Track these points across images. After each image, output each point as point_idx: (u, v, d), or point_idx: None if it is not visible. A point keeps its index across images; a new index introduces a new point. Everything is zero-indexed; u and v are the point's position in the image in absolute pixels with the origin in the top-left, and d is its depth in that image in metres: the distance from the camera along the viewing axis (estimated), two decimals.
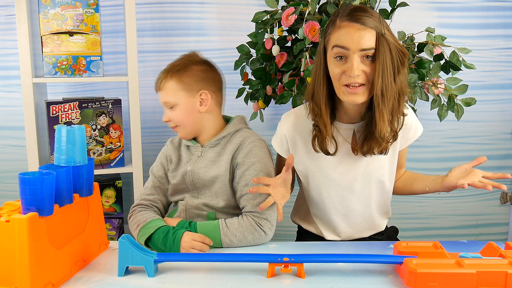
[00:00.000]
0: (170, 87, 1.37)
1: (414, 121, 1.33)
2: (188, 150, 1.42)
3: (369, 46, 1.13)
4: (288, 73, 1.68)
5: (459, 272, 0.97)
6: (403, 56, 1.17)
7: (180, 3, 2.15)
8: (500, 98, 2.32)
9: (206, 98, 1.37)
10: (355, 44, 1.13)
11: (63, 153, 1.11)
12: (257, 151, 1.34)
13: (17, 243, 0.94)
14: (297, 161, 1.35)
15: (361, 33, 1.13)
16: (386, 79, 1.14)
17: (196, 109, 1.37)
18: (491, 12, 2.24)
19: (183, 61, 1.40)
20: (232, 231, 1.25)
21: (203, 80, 1.38)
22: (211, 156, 1.37)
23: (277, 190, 1.22)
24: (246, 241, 1.26)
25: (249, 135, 1.38)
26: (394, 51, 1.15)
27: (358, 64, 1.14)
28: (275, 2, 1.70)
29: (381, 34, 1.13)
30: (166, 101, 1.39)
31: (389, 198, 1.40)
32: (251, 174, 1.30)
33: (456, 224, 2.29)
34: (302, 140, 1.32)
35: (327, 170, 1.31)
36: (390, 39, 1.15)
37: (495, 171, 1.23)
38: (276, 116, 2.22)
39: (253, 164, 1.32)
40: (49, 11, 1.74)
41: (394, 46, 1.15)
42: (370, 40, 1.13)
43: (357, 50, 1.14)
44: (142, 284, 1.04)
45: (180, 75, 1.37)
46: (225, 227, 1.26)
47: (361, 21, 1.13)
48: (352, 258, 1.10)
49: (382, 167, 1.32)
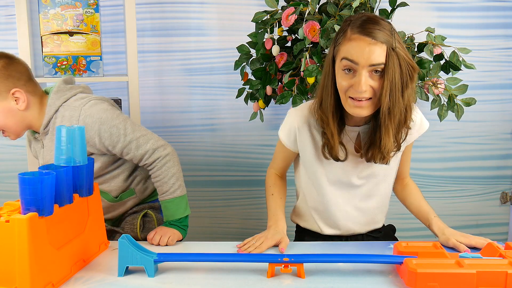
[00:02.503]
0: None
1: (419, 116, 1.33)
2: (36, 140, 1.43)
3: (379, 61, 1.11)
4: (288, 73, 1.68)
5: (459, 272, 0.97)
6: (412, 71, 1.15)
7: (180, 3, 2.15)
8: (500, 98, 2.32)
9: (21, 95, 1.31)
10: (364, 59, 1.12)
11: (63, 153, 1.11)
12: (92, 120, 1.32)
13: (17, 243, 0.94)
14: (303, 154, 1.35)
15: (372, 48, 1.11)
16: (394, 95, 1.13)
17: (14, 109, 1.32)
18: (491, 12, 2.24)
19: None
20: (172, 183, 1.37)
21: (8, 78, 1.30)
22: (50, 144, 1.37)
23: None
24: (179, 173, 1.40)
25: (71, 111, 1.34)
26: (404, 66, 1.13)
27: (366, 79, 1.13)
28: (275, 2, 1.70)
29: (392, 48, 1.12)
30: None
31: (389, 194, 1.41)
32: (122, 142, 1.34)
33: (456, 224, 2.29)
34: (310, 135, 1.32)
35: (331, 165, 1.32)
36: (401, 53, 1.13)
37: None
38: (276, 116, 2.23)
39: (111, 133, 1.33)
40: (49, 11, 1.74)
41: (404, 60, 1.13)
42: (380, 56, 1.11)
43: (366, 65, 1.12)
44: (142, 284, 1.04)
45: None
46: (171, 191, 1.37)
47: (373, 35, 1.11)
48: (352, 258, 1.10)
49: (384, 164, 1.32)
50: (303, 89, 1.63)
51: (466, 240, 1.22)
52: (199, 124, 2.25)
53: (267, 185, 1.43)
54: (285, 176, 1.48)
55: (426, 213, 1.35)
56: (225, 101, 2.23)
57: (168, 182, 1.38)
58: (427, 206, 1.37)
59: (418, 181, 2.35)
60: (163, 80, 2.21)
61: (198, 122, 2.25)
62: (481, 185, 2.38)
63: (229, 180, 2.31)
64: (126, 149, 1.36)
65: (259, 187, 2.31)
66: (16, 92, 1.31)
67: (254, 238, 1.26)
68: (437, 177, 2.37)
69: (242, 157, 2.29)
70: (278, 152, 1.43)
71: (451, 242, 1.22)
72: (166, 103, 2.23)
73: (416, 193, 1.41)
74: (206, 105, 2.24)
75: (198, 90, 2.23)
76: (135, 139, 1.35)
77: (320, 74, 1.54)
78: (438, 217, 1.33)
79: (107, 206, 1.46)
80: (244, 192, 2.33)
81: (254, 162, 2.30)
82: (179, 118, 2.24)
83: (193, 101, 2.23)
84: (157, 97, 2.22)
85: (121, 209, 1.50)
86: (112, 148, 1.36)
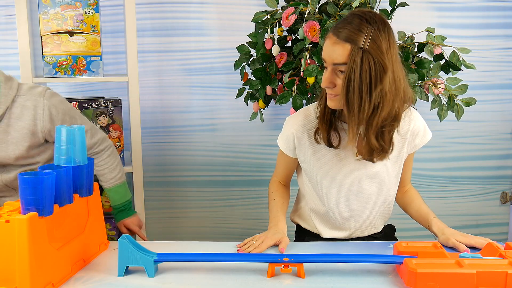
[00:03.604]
0: None
1: (422, 126, 1.33)
2: None
3: (340, 61, 1.13)
4: (288, 73, 1.68)
5: (459, 272, 0.97)
6: (382, 71, 1.12)
7: (180, 3, 2.15)
8: (500, 98, 2.32)
9: None
10: (327, 57, 1.16)
11: (63, 153, 1.11)
12: (55, 108, 1.35)
13: (17, 243, 0.94)
14: (303, 160, 1.35)
15: (335, 47, 1.13)
16: (352, 94, 1.12)
17: None
18: (491, 12, 2.24)
19: None
20: (119, 169, 1.52)
21: None
22: (2, 136, 1.32)
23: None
24: (116, 165, 1.53)
25: (32, 101, 1.32)
26: (373, 66, 1.11)
27: (329, 76, 1.16)
28: (275, 2, 1.70)
29: (360, 48, 1.10)
30: None
31: (392, 201, 1.40)
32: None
33: (456, 224, 2.29)
34: (309, 140, 1.32)
35: (332, 170, 1.31)
36: (372, 52, 1.11)
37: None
38: (276, 116, 2.23)
39: (63, 121, 1.37)
40: (49, 11, 1.74)
41: (375, 59, 1.11)
42: (341, 55, 1.12)
43: (330, 64, 1.15)
44: (142, 284, 1.04)
45: None
46: (119, 176, 1.53)
47: (338, 33, 1.13)
48: (352, 258, 1.10)
49: (387, 170, 1.32)
50: (303, 89, 1.63)
51: (465, 240, 1.22)
52: (199, 124, 2.25)
53: (270, 191, 1.43)
54: (289, 185, 1.48)
55: (425, 214, 1.35)
56: (225, 101, 2.23)
57: (116, 168, 1.54)
58: (427, 209, 1.37)
59: (418, 181, 2.35)
60: (163, 80, 2.21)
61: (198, 122, 2.25)
62: (481, 185, 2.39)
63: (229, 180, 2.31)
64: None
65: (259, 187, 2.31)
66: None
67: (254, 238, 1.26)
68: (437, 177, 2.37)
69: (242, 157, 2.29)
70: (279, 160, 1.44)
71: (451, 241, 1.22)
72: (166, 103, 2.23)
73: (416, 198, 1.41)
74: (206, 105, 2.24)
75: (198, 90, 2.23)
76: (89, 129, 1.46)
77: (320, 74, 1.55)
78: (438, 218, 1.33)
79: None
80: (244, 192, 2.33)
81: (254, 162, 2.30)
82: (179, 118, 2.24)
83: (193, 101, 2.23)
84: (157, 97, 2.22)
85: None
86: None
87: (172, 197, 2.31)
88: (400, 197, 1.44)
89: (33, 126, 1.33)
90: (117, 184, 1.54)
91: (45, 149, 1.41)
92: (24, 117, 1.32)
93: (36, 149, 1.38)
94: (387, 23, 1.15)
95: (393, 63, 1.14)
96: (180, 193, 2.31)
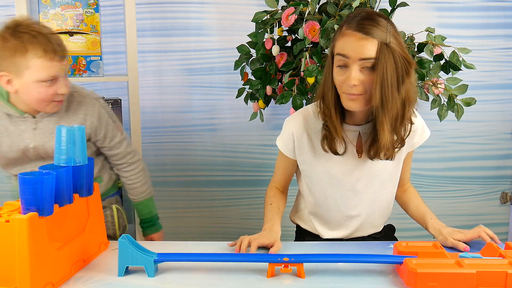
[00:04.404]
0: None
1: (420, 125, 1.33)
2: (11, 119, 1.36)
3: (369, 55, 1.12)
4: (288, 73, 1.68)
5: (459, 272, 0.97)
6: (408, 66, 1.15)
7: (180, 3, 2.15)
8: (500, 98, 2.32)
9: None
10: (354, 53, 1.13)
11: (63, 153, 1.11)
12: (104, 110, 1.46)
13: (17, 243, 0.94)
14: (302, 160, 1.35)
15: (362, 43, 1.12)
16: (387, 90, 1.12)
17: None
18: (491, 12, 2.24)
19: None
20: (142, 190, 1.56)
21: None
22: (50, 128, 1.35)
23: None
24: (147, 179, 1.58)
25: (89, 100, 1.43)
26: (399, 61, 1.13)
27: (356, 73, 1.13)
28: (275, 2, 1.70)
29: (385, 44, 1.11)
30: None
31: (392, 201, 1.40)
32: (111, 133, 1.48)
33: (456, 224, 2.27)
34: (309, 140, 1.32)
35: (332, 170, 1.31)
36: (395, 48, 1.12)
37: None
38: (276, 116, 2.23)
39: (107, 123, 1.46)
40: (49, 11, 1.74)
41: (399, 55, 1.13)
42: (370, 50, 1.12)
43: (357, 60, 1.13)
44: (142, 284, 1.04)
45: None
46: (149, 191, 1.58)
47: (364, 30, 1.12)
48: (352, 258, 1.10)
49: (386, 169, 1.32)
50: (303, 89, 1.63)
51: (462, 236, 1.22)
52: (199, 124, 2.26)
53: (267, 197, 1.42)
54: (286, 192, 1.46)
55: (423, 215, 1.35)
56: (225, 101, 2.23)
57: (147, 182, 1.58)
58: (425, 209, 1.36)
59: (418, 181, 2.35)
60: (163, 80, 2.21)
61: (198, 122, 2.25)
62: (481, 185, 2.39)
63: (229, 180, 2.32)
64: (119, 144, 1.50)
65: (259, 187, 2.31)
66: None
67: (246, 237, 1.25)
68: (437, 177, 2.37)
69: (242, 157, 2.29)
70: (278, 164, 1.43)
71: (449, 241, 1.22)
72: (166, 103, 2.23)
73: (415, 198, 1.41)
74: (206, 105, 2.24)
75: (198, 90, 2.23)
76: (126, 138, 1.53)
77: (320, 74, 1.55)
78: (436, 218, 1.32)
79: None
80: (244, 192, 2.33)
81: (254, 162, 2.30)
82: (179, 118, 2.24)
83: (193, 101, 2.23)
84: (157, 97, 2.22)
85: None
86: (103, 141, 1.47)
87: (172, 197, 2.31)
88: (399, 196, 1.44)
89: (83, 121, 1.39)
90: (147, 198, 1.58)
91: (87, 147, 1.42)
92: (77, 112, 1.39)
93: None
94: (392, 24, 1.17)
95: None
96: (180, 193, 2.31)
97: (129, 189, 1.56)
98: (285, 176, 1.43)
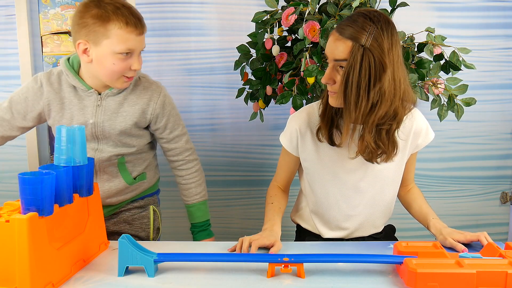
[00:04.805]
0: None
1: (424, 126, 1.33)
2: (76, 92, 1.36)
3: (341, 57, 1.14)
4: (288, 73, 1.68)
5: (459, 272, 0.97)
6: (381, 70, 1.13)
7: (180, 3, 2.15)
8: (500, 98, 2.32)
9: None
10: (329, 53, 1.18)
11: (63, 153, 1.11)
12: (169, 100, 1.44)
13: (17, 243, 0.94)
14: (305, 158, 1.35)
15: (337, 44, 1.15)
16: (351, 90, 1.14)
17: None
18: (491, 12, 2.24)
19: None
20: (197, 191, 1.50)
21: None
22: (113, 107, 1.35)
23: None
24: (202, 181, 1.53)
25: (155, 87, 1.42)
26: (373, 65, 1.12)
27: (329, 72, 1.18)
28: (275, 2, 1.70)
29: (360, 45, 1.11)
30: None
31: (393, 201, 1.40)
32: (172, 125, 1.45)
33: (456, 224, 2.29)
34: (312, 137, 1.32)
35: (334, 168, 1.32)
36: (373, 51, 1.11)
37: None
38: (276, 116, 2.23)
39: (170, 114, 1.44)
40: (49, 11, 1.74)
41: (376, 59, 1.12)
42: (342, 52, 1.14)
43: (332, 60, 1.17)
44: (142, 284, 1.04)
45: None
46: (203, 193, 1.53)
47: (341, 30, 1.15)
48: (352, 258, 1.10)
49: (389, 170, 1.32)
50: (303, 89, 1.63)
51: (461, 237, 1.22)
52: (199, 124, 2.26)
53: (268, 196, 1.42)
54: (288, 191, 1.47)
55: (425, 215, 1.35)
56: (225, 101, 2.24)
57: (202, 184, 1.53)
58: (427, 209, 1.36)
59: (418, 181, 2.35)
60: (163, 80, 2.20)
61: (198, 122, 2.25)
62: (481, 185, 2.39)
63: (229, 180, 2.32)
64: (178, 138, 1.47)
65: (259, 187, 2.31)
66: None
67: (246, 238, 1.25)
68: (437, 177, 2.37)
69: (242, 157, 2.29)
70: (280, 162, 1.44)
71: (448, 241, 1.22)
72: None
73: (418, 198, 1.41)
74: (206, 105, 2.24)
75: (198, 90, 2.23)
76: (185, 133, 1.49)
77: (320, 74, 1.55)
78: (438, 219, 1.32)
79: (119, 189, 1.45)
80: (244, 192, 2.33)
81: (254, 162, 2.30)
82: None
83: (193, 101, 2.24)
84: None
85: (128, 195, 1.48)
86: (162, 131, 1.45)
87: (172, 197, 2.30)
88: (403, 195, 1.45)
89: (146, 105, 1.39)
90: (200, 201, 1.53)
91: (143, 135, 1.43)
92: (141, 95, 1.39)
93: (138, 130, 1.41)
94: (392, 23, 1.16)
95: (394, 63, 1.14)
96: (180, 193, 2.31)
97: (183, 189, 1.52)
98: (288, 174, 1.43)
